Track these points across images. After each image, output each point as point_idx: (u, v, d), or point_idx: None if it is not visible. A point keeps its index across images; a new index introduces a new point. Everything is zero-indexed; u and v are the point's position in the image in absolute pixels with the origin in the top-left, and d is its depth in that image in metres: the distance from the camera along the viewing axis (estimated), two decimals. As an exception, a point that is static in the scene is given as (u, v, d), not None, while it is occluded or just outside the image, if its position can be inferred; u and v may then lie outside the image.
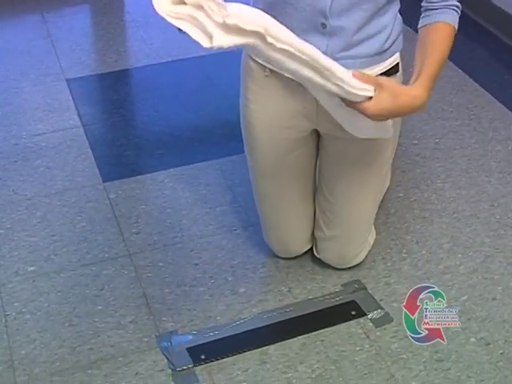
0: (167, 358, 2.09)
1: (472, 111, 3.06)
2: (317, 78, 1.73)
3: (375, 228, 2.42)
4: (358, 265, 2.35)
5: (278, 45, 1.64)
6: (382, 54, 1.98)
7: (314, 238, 2.34)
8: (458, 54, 1.95)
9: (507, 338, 2.16)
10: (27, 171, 2.77)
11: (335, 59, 1.92)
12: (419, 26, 1.94)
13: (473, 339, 2.15)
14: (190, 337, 2.15)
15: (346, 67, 1.94)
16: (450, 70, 3.22)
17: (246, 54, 2.07)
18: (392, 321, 2.19)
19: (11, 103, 3.13)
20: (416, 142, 2.89)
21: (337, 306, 2.25)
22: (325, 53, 1.90)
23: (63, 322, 2.20)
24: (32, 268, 2.38)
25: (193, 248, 2.44)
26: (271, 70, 1.99)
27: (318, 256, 2.35)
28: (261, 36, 1.62)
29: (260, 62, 2.01)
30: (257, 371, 2.07)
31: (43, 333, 2.17)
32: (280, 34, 1.65)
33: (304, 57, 1.68)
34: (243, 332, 2.17)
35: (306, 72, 1.71)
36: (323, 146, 2.17)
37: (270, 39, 1.62)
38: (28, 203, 2.62)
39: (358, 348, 2.13)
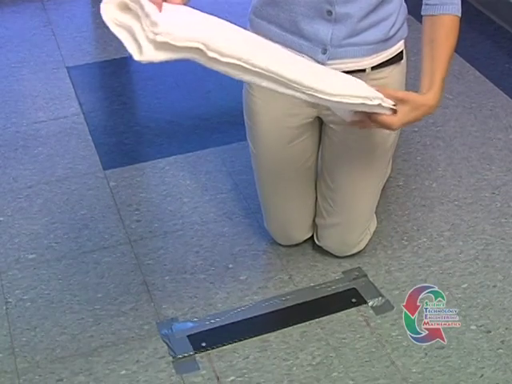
0: (168, 346, 2.09)
1: (473, 99, 3.05)
2: (282, 89, 1.67)
3: (376, 216, 2.41)
4: (358, 252, 2.35)
5: (223, 59, 1.54)
6: (386, 41, 1.97)
7: (314, 225, 2.34)
8: (459, 42, 1.94)
9: (508, 326, 2.15)
10: (27, 159, 2.76)
11: (340, 46, 1.92)
12: (423, 14, 1.94)
13: (473, 327, 2.15)
14: (191, 324, 2.15)
15: (352, 54, 1.95)
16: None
17: None
18: (392, 308, 2.19)
19: (11, 91, 3.12)
20: (417, 129, 2.88)
21: (337, 293, 2.25)
22: (331, 40, 1.90)
23: (64, 309, 2.20)
24: (33, 256, 2.38)
25: (193, 235, 2.44)
26: None
27: (318, 244, 2.34)
28: (200, 51, 1.53)
29: None
30: (257, 358, 2.07)
31: (44, 320, 2.17)
32: (225, 47, 1.54)
33: (257, 69, 1.59)
34: (244, 319, 2.17)
35: (265, 84, 1.64)
36: (326, 133, 2.16)
37: (211, 54, 1.53)
38: (28, 191, 2.62)
39: (358, 335, 2.13)
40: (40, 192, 2.61)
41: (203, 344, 2.09)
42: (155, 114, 3.00)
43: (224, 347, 2.09)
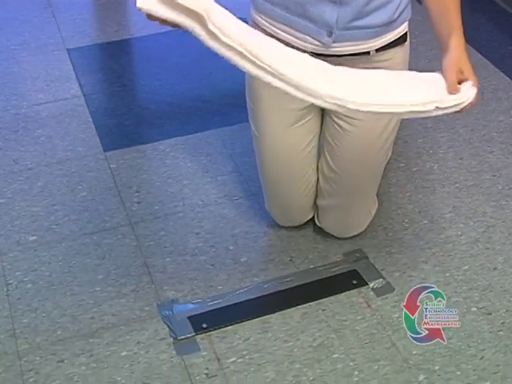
0: (168, 327, 2.09)
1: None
2: (292, 91, 1.69)
3: (377, 198, 2.40)
4: (359, 234, 2.35)
5: (224, 38, 1.52)
6: (391, 23, 1.96)
7: (316, 207, 2.33)
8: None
9: (508, 308, 2.15)
10: (28, 141, 2.75)
11: (346, 29, 1.91)
12: None
13: (474, 309, 2.15)
14: (192, 305, 2.15)
15: (357, 37, 1.94)
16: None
17: (254, 24, 2.05)
18: (393, 290, 2.19)
19: (11, 73, 3.11)
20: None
21: (338, 275, 2.24)
22: (336, 22, 1.89)
23: (64, 291, 2.20)
24: (33, 237, 2.37)
25: (194, 217, 2.43)
26: (278, 39, 1.97)
27: (319, 225, 2.34)
28: (201, 21, 1.49)
29: (267, 29, 1.99)
30: (258, 340, 2.07)
31: (44, 302, 2.17)
32: (227, 27, 1.51)
33: (260, 64, 1.58)
34: (244, 301, 2.17)
35: (270, 79, 1.63)
36: (329, 114, 2.15)
37: (212, 27, 1.50)
38: (29, 173, 2.61)
39: (359, 317, 2.13)
40: (40, 174, 2.61)
41: (204, 325, 2.09)
42: (156, 96, 2.99)
43: (225, 328, 2.09)
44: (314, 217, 2.36)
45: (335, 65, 1.88)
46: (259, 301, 2.17)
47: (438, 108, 1.79)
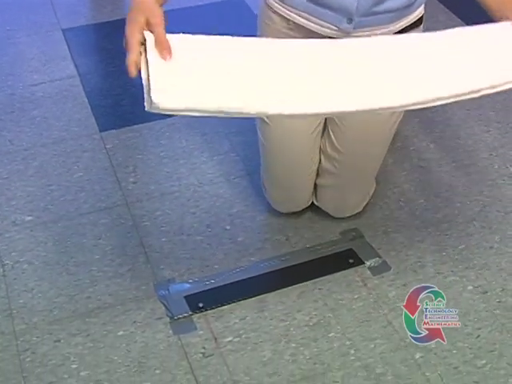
0: (165, 306, 2.08)
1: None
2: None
3: (374, 179, 2.39)
4: (355, 213, 2.34)
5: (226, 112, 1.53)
6: (409, 6, 1.95)
7: (314, 185, 2.32)
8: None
9: (504, 287, 2.14)
10: (24, 122, 2.74)
11: (366, 15, 1.89)
12: None
13: (470, 287, 2.14)
14: (188, 285, 2.14)
15: (377, 22, 1.92)
16: (445, 15, 3.17)
17: (266, 5, 2.02)
18: (389, 269, 2.18)
19: (7, 54, 3.09)
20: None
21: (334, 254, 2.23)
22: (356, 9, 1.86)
23: (61, 271, 2.19)
24: (29, 218, 2.36)
25: (190, 197, 2.42)
26: (294, 23, 1.96)
27: (317, 204, 2.32)
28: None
29: (282, 14, 1.97)
30: (254, 319, 2.06)
31: (41, 282, 2.16)
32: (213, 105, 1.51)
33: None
34: (241, 280, 2.16)
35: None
36: None
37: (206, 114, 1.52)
38: (25, 153, 2.60)
39: (355, 296, 2.12)
40: (36, 154, 2.59)
41: (200, 305, 2.08)
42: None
43: (221, 308, 2.09)
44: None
45: None
46: (256, 280, 2.16)
47: None
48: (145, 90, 1.54)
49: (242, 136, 2.59)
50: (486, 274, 2.18)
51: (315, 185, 2.30)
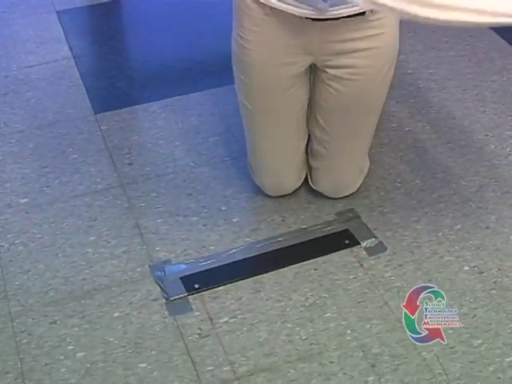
0: (161, 288, 2.08)
1: (466, 41, 3.01)
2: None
3: (369, 158, 2.38)
4: (351, 194, 2.33)
5: None
6: None
7: (309, 168, 2.31)
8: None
9: (500, 267, 2.14)
10: (18, 103, 2.73)
11: None
12: None
13: (466, 267, 2.14)
14: (184, 266, 2.14)
15: None
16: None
17: None
18: (385, 250, 2.18)
19: (1, 35, 3.08)
20: (410, 71, 2.84)
21: (330, 234, 2.23)
22: None
23: (56, 252, 2.19)
24: (25, 200, 2.35)
25: (186, 178, 2.41)
26: (271, 8, 1.95)
27: (313, 187, 2.32)
28: None
29: (261, 0, 1.95)
30: (250, 300, 2.06)
31: (36, 264, 2.15)
32: None
33: None
34: (237, 261, 2.15)
35: None
36: (321, 79, 2.11)
37: None
38: (20, 135, 2.59)
39: (351, 276, 2.11)
40: (31, 136, 2.58)
41: (196, 286, 2.08)
42: (146, 57, 2.96)
43: (217, 289, 2.08)
44: (306, 180, 2.34)
45: (332, 29, 1.89)
46: (251, 261, 2.16)
47: None
48: None
49: (238, 117, 2.55)
50: (482, 254, 2.17)
51: (310, 168, 2.30)
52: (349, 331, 1.98)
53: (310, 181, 2.33)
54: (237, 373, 1.89)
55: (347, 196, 2.33)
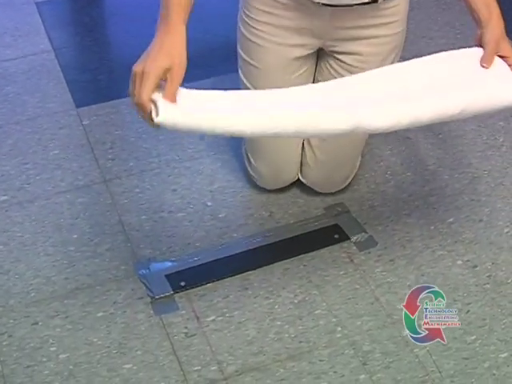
0: (146, 286, 2.08)
1: (458, 30, 3.02)
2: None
3: (359, 151, 2.40)
4: (340, 188, 2.33)
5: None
6: None
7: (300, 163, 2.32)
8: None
9: (494, 261, 2.15)
10: (-4, 98, 2.72)
11: None
12: None
13: (459, 262, 2.15)
14: (169, 263, 2.14)
15: None
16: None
17: None
18: (376, 244, 2.19)
19: (-23, 29, 3.07)
20: (400, 59, 2.84)
21: (319, 229, 2.23)
22: None
23: (38, 251, 2.18)
24: (4, 197, 2.34)
25: (170, 173, 2.41)
26: None
27: (303, 181, 2.32)
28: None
29: None
30: (238, 297, 2.06)
31: (17, 263, 2.15)
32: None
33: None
34: (223, 258, 2.15)
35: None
36: (325, 62, 2.13)
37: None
38: (-2, 131, 2.59)
39: (341, 272, 2.12)
40: (10, 132, 2.57)
41: (182, 283, 2.08)
42: (129, 50, 2.93)
43: (203, 286, 2.08)
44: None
45: (342, 15, 1.93)
46: (239, 257, 2.16)
47: None
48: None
49: (224, 110, 2.57)
50: (475, 248, 2.18)
51: (301, 162, 2.30)
52: (339, 328, 1.98)
53: (300, 175, 2.33)
54: (225, 372, 1.89)
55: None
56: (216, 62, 2.82)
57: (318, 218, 2.27)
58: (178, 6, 1.68)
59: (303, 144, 2.26)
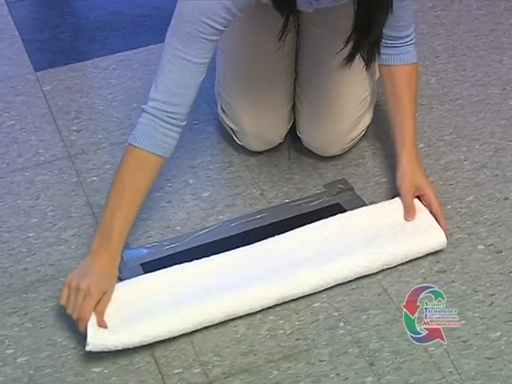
0: (118, 277, 2.08)
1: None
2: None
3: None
4: (342, 160, 2.35)
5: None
6: None
7: (295, 115, 2.36)
8: None
9: (522, 245, 2.17)
10: None
11: None
12: (379, 63, 2.16)
13: (481, 246, 2.16)
14: (145, 250, 2.15)
15: None
16: None
17: None
18: (384, 226, 2.20)
19: None
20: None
21: (318, 210, 2.24)
22: None
23: (-9, 238, 2.20)
24: (-48, 176, 2.36)
25: (145, 146, 2.42)
26: None
27: (300, 135, 2.35)
28: None
29: None
30: (225, 289, 2.07)
31: (-32, 252, 2.16)
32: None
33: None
34: (208, 243, 2.16)
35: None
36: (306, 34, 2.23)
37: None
38: None
39: (344, 259, 2.13)
40: (-44, 100, 2.59)
41: (160, 274, 2.09)
42: (96, 3, 2.96)
43: (184, 277, 2.10)
44: (292, 131, 2.38)
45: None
46: (225, 242, 2.16)
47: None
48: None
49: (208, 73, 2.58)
50: (499, 231, 2.20)
51: (298, 114, 2.34)
52: (342, 324, 1.99)
53: (297, 129, 2.36)
54: (209, 375, 1.90)
55: (337, 163, 2.35)
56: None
57: (316, 196, 2.28)
58: (122, 228, 1.94)
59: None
